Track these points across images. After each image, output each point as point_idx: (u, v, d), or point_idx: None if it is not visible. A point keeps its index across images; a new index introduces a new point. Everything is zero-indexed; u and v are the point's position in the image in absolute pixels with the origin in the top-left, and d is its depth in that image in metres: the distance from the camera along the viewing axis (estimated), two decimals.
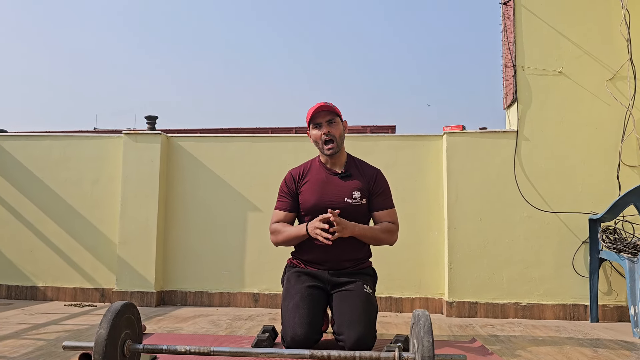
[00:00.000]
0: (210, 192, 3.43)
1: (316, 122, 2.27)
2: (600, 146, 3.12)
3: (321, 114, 2.26)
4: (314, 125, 2.28)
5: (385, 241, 2.29)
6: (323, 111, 2.26)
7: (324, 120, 2.26)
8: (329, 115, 2.27)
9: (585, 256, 3.05)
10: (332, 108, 2.26)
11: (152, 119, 3.55)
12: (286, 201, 2.34)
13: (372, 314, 2.12)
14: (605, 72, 3.15)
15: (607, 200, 3.04)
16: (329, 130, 2.25)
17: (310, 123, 2.30)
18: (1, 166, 3.58)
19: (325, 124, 2.26)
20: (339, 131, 2.27)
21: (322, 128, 2.26)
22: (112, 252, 3.42)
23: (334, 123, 2.27)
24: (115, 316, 1.48)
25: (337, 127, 2.27)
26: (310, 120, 2.29)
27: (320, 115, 2.27)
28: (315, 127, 2.28)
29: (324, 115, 2.26)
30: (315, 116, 2.27)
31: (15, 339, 2.26)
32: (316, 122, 2.27)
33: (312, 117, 2.27)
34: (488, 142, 3.20)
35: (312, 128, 2.30)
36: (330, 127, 2.25)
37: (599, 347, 2.28)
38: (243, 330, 2.59)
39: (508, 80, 3.28)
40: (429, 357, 1.34)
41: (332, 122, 2.26)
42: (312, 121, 2.28)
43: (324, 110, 2.26)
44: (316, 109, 2.25)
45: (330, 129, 2.25)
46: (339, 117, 2.29)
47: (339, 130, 2.27)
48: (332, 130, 2.25)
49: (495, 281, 3.09)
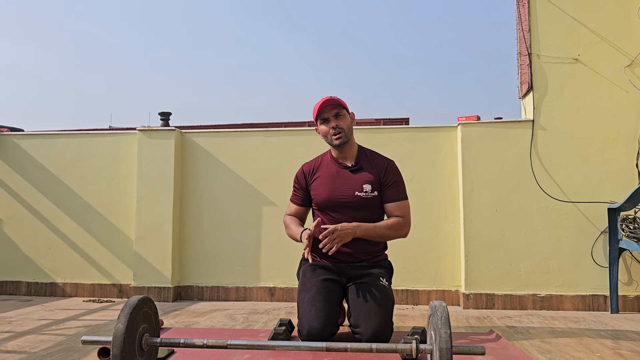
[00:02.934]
0: (224, 187, 3.44)
1: (323, 117, 2.26)
2: (619, 134, 3.06)
3: (327, 109, 2.25)
4: (321, 120, 2.28)
5: (392, 237, 2.26)
6: (329, 105, 2.25)
7: (331, 114, 2.25)
8: (335, 108, 2.25)
9: (604, 246, 3.00)
10: (338, 101, 2.25)
11: (166, 115, 3.56)
12: (298, 195, 2.37)
13: (389, 307, 2.11)
14: (623, 59, 3.09)
15: (626, 189, 2.99)
16: (336, 123, 2.23)
17: (317, 119, 2.29)
18: (19, 164, 3.63)
19: (333, 118, 2.24)
20: (347, 123, 2.26)
21: (330, 122, 2.25)
22: (128, 248, 3.45)
23: (341, 116, 2.25)
24: (133, 310, 1.49)
25: (345, 119, 2.26)
26: (317, 116, 2.28)
27: (327, 110, 2.25)
28: (323, 122, 2.27)
29: (330, 109, 2.25)
30: (322, 111, 2.26)
31: (36, 335, 2.29)
32: (323, 117, 2.26)
33: (318, 112, 2.26)
34: (503, 132, 3.16)
35: (319, 124, 2.29)
36: (337, 120, 2.24)
37: (620, 338, 2.24)
38: (260, 324, 2.59)
39: (523, 69, 3.23)
40: (447, 349, 1.32)
41: (339, 115, 2.25)
42: (319, 117, 2.27)
43: (330, 105, 2.25)
44: (322, 104, 2.24)
45: (338, 122, 2.24)
46: (345, 110, 2.28)
47: (347, 122, 2.26)
48: (339, 123, 2.24)
49: (512, 273, 3.06)
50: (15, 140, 3.66)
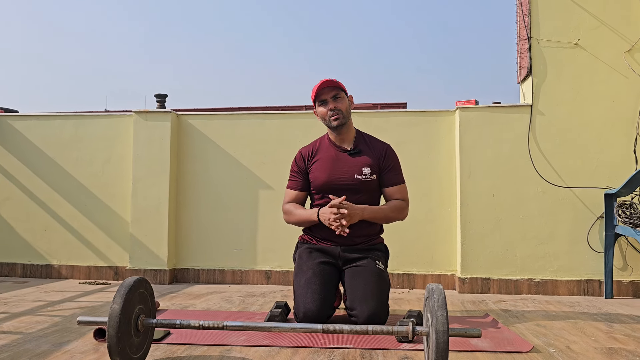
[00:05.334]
0: (221, 170, 3.42)
1: (321, 99, 2.25)
2: (617, 120, 3.06)
3: (325, 91, 2.24)
4: (319, 102, 2.26)
5: (395, 219, 2.29)
6: (327, 87, 2.23)
7: (329, 96, 2.23)
8: (333, 90, 2.24)
9: (600, 232, 3.01)
10: (336, 83, 2.23)
11: (162, 97, 3.54)
12: (297, 180, 2.34)
13: (385, 290, 2.12)
14: (622, 44, 3.07)
15: (623, 174, 2.99)
16: (335, 105, 2.22)
17: (315, 101, 2.27)
18: (14, 146, 3.60)
19: (331, 100, 2.23)
20: (345, 105, 2.24)
21: (328, 104, 2.23)
22: (124, 231, 3.45)
23: (339, 98, 2.24)
24: (129, 291, 1.48)
25: (343, 101, 2.24)
26: (316, 98, 2.26)
27: (325, 92, 2.24)
28: (321, 105, 2.26)
29: (328, 91, 2.24)
30: (320, 93, 2.24)
31: (31, 316, 2.29)
32: (321, 99, 2.25)
33: (316, 94, 2.24)
34: (502, 117, 3.15)
35: (318, 106, 2.27)
36: (335, 102, 2.23)
37: (614, 322, 2.25)
38: (256, 306, 2.60)
39: (522, 53, 3.21)
40: (443, 331, 1.32)
41: (338, 97, 2.23)
42: (317, 99, 2.26)
43: (328, 87, 2.23)
44: (320, 86, 2.23)
45: (336, 104, 2.22)
46: (343, 92, 2.26)
47: (345, 104, 2.25)
48: (338, 105, 2.22)
49: (508, 257, 3.07)
50: (9, 121, 3.62)
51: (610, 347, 1.84)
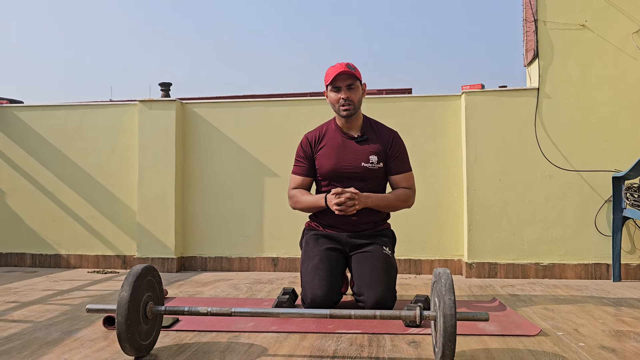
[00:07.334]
0: (226, 158, 3.42)
1: (336, 85, 2.21)
2: (625, 102, 3.02)
3: (342, 77, 2.19)
4: (332, 87, 2.22)
5: (400, 208, 2.27)
6: (344, 74, 2.19)
7: (344, 84, 2.19)
8: (349, 79, 2.19)
9: (608, 215, 2.99)
10: (353, 72, 2.19)
11: (166, 85, 3.52)
12: (303, 165, 2.32)
13: (392, 275, 2.12)
14: (631, 25, 3.03)
15: (631, 157, 2.96)
16: (348, 95, 2.19)
17: (329, 85, 2.24)
18: (20, 137, 3.61)
19: (345, 89, 2.19)
20: (358, 96, 2.22)
21: (341, 92, 2.20)
22: (131, 220, 3.46)
23: (354, 88, 2.20)
24: (137, 279, 1.49)
25: (357, 92, 2.21)
26: (330, 83, 2.22)
27: (341, 79, 2.20)
28: (333, 90, 2.22)
29: (344, 79, 2.19)
30: (336, 79, 2.20)
31: (41, 304, 2.31)
32: (336, 85, 2.21)
33: (332, 79, 2.20)
34: (508, 100, 3.12)
35: (330, 90, 2.23)
36: (349, 92, 2.19)
37: (622, 306, 2.25)
38: (263, 293, 2.61)
39: (529, 35, 3.17)
40: (451, 315, 1.32)
41: (352, 87, 2.20)
42: (331, 84, 2.22)
43: (345, 74, 2.19)
44: (337, 73, 2.18)
45: (350, 94, 2.19)
46: (359, 81, 2.23)
47: (358, 95, 2.22)
48: (351, 95, 2.19)
49: (515, 242, 3.06)
50: (15, 112, 3.63)
51: (618, 329, 1.84)
